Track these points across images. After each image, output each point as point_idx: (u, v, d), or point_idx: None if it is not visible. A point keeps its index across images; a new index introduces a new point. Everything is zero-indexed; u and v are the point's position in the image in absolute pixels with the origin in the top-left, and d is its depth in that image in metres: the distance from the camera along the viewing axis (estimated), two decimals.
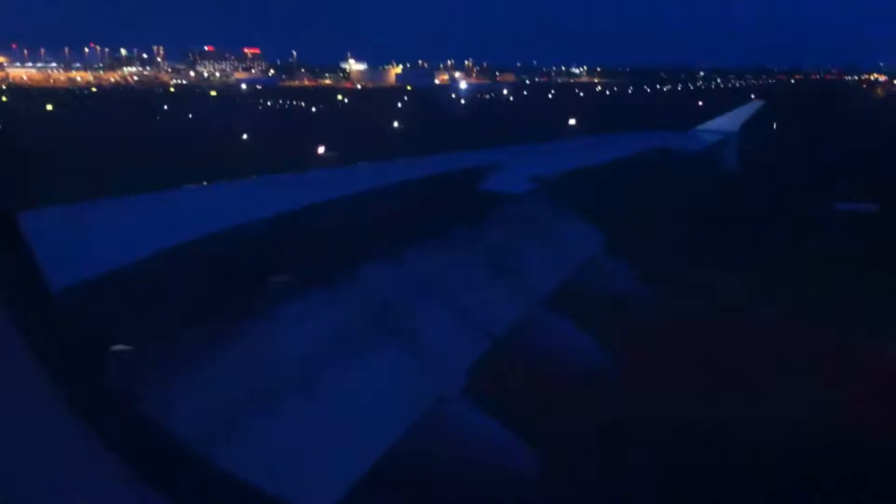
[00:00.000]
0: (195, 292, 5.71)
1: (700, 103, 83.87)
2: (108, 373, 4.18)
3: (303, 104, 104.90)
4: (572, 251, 11.32)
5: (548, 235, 11.35)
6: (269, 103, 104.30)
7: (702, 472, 8.14)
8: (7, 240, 2.78)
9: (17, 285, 2.74)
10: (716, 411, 9.39)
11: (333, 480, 4.82)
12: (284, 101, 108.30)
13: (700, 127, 20.13)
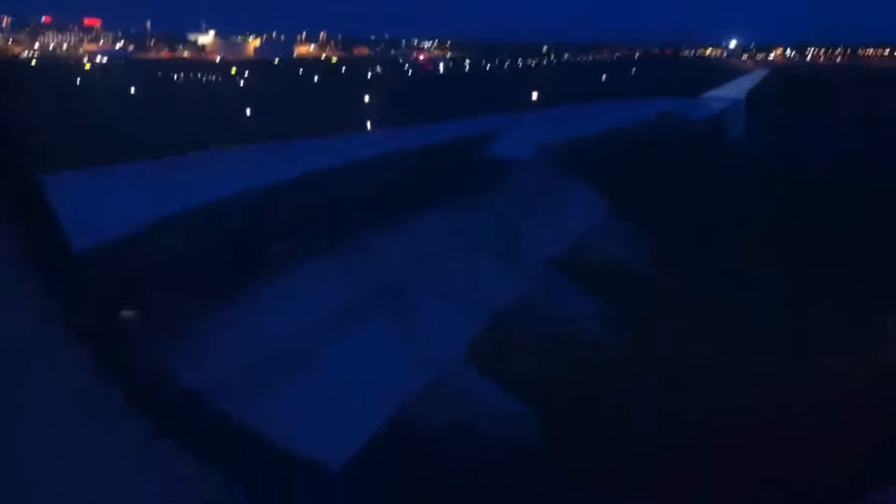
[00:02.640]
0: (218, 255, 5.81)
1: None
2: (129, 328, 4.31)
3: (202, 77, 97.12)
4: (577, 216, 11.37)
5: (552, 201, 11.39)
6: (160, 75, 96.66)
7: (702, 438, 8.27)
8: (32, 203, 2.85)
9: (43, 246, 2.82)
10: (719, 377, 9.48)
11: (346, 439, 4.98)
12: (171, 74, 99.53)
13: (706, 94, 19.97)
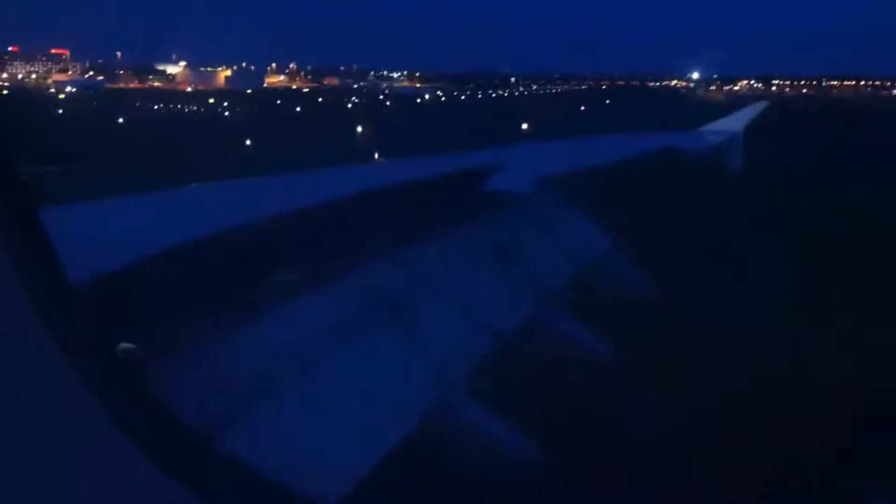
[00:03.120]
0: (207, 287, 5.76)
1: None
2: (125, 361, 4.23)
3: (181, 106, 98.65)
4: (578, 251, 11.36)
5: (553, 235, 11.39)
6: (137, 105, 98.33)
7: (707, 471, 8.15)
8: (30, 235, 2.83)
9: (39, 278, 2.79)
10: (722, 412, 9.40)
11: (341, 475, 4.86)
12: (149, 104, 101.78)
13: (705, 127, 20.08)
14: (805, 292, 14.30)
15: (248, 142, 50.44)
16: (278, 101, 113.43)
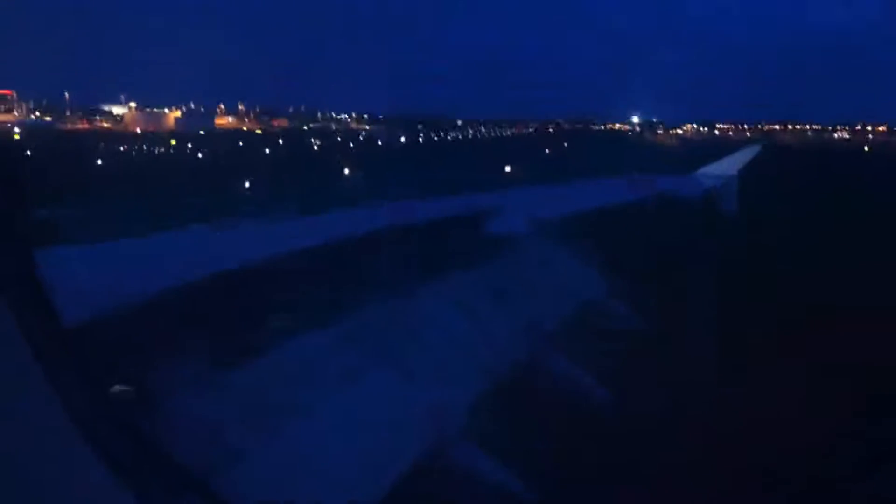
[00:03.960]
0: (200, 328, 5.83)
1: None
2: (121, 403, 4.29)
3: (150, 148, 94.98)
4: (572, 291, 11.43)
5: (548, 276, 11.48)
6: (103, 147, 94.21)
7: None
8: (24, 277, 2.89)
9: (34, 318, 2.84)
10: (719, 450, 9.36)
11: None
12: (107, 146, 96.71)
13: (699, 171, 20.24)
14: (799, 331, 14.32)
15: (246, 184, 50.42)
16: (240, 143, 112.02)
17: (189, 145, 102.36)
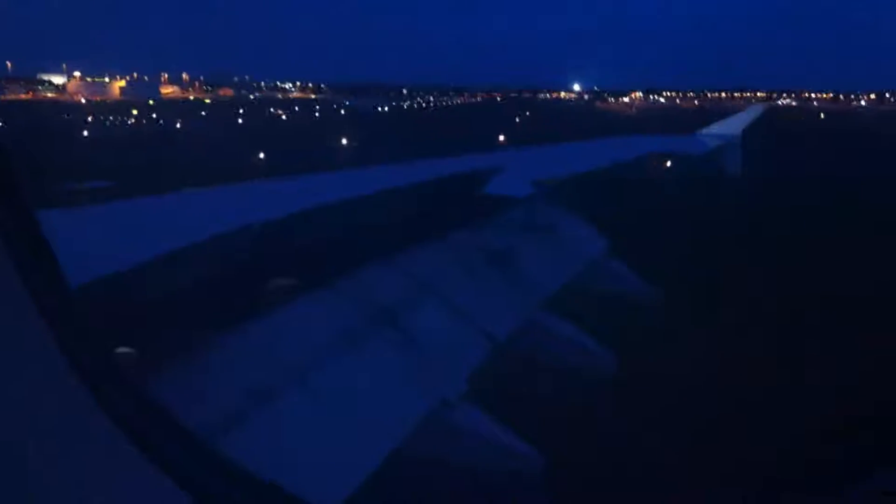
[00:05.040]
0: (203, 292, 5.76)
1: None
2: (125, 365, 4.23)
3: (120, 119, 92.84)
4: (575, 254, 11.34)
5: (550, 239, 11.37)
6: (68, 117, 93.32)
7: (703, 473, 8.18)
8: (30, 238, 2.85)
9: (40, 281, 2.80)
10: (719, 414, 9.42)
11: (342, 478, 4.85)
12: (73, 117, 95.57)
13: (702, 131, 20.03)
14: (802, 295, 14.37)
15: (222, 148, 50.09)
16: (203, 113, 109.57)
17: (154, 115, 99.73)
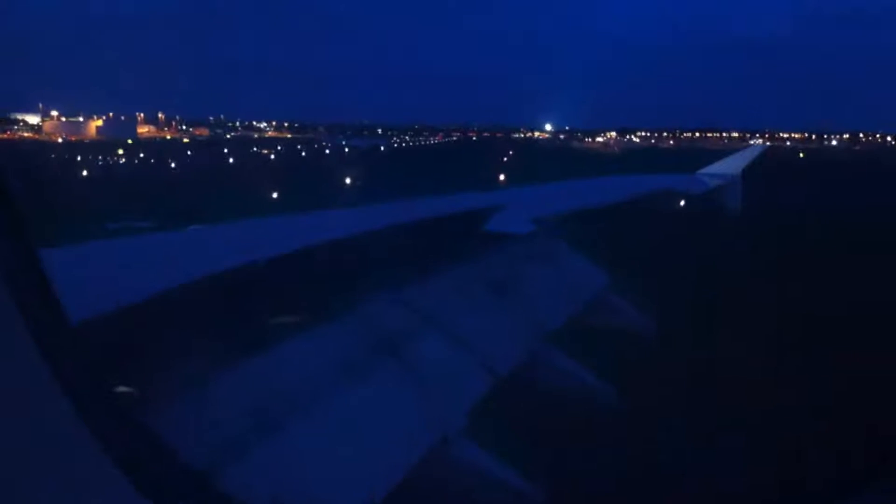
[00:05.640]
0: (193, 328, 5.81)
1: None
2: (126, 401, 4.29)
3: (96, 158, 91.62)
4: (576, 289, 11.40)
5: (551, 274, 11.44)
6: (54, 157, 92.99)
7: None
8: (31, 275, 2.90)
9: (40, 316, 2.85)
10: (720, 447, 9.39)
11: None
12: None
13: (702, 171, 20.21)
14: (803, 330, 14.37)
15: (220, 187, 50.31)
16: (187, 152, 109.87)
17: (141, 154, 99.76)
